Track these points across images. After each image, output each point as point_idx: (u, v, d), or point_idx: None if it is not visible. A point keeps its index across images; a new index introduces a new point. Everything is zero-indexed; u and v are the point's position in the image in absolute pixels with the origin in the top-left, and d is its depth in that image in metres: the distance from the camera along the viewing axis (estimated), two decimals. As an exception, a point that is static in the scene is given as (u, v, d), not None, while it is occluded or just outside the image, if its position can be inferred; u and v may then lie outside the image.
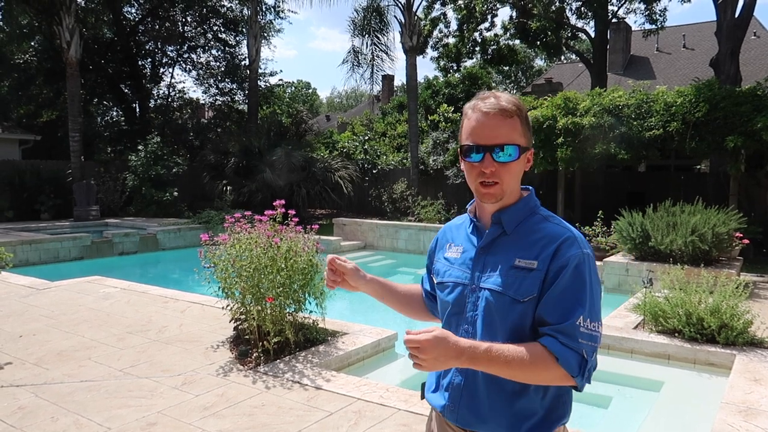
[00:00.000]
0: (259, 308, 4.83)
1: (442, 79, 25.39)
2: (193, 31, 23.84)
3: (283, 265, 4.78)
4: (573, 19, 20.24)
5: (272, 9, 23.88)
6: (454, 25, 22.43)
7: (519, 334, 1.42)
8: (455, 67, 23.96)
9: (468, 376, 1.49)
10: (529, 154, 1.49)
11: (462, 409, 1.50)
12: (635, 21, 51.17)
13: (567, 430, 1.56)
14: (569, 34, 21.40)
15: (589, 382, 1.41)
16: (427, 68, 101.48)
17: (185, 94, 25.50)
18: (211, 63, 24.53)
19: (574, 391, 1.47)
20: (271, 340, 4.73)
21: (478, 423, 1.49)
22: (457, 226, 1.68)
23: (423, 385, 1.70)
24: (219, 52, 24.35)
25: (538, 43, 21.04)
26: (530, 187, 1.57)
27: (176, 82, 30.39)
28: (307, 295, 5.03)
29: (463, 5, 20.66)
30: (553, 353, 1.34)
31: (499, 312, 1.44)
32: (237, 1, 23.39)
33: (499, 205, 1.50)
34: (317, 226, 5.50)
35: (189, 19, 23.39)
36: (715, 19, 13.84)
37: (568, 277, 1.39)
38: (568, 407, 1.52)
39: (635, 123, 11.22)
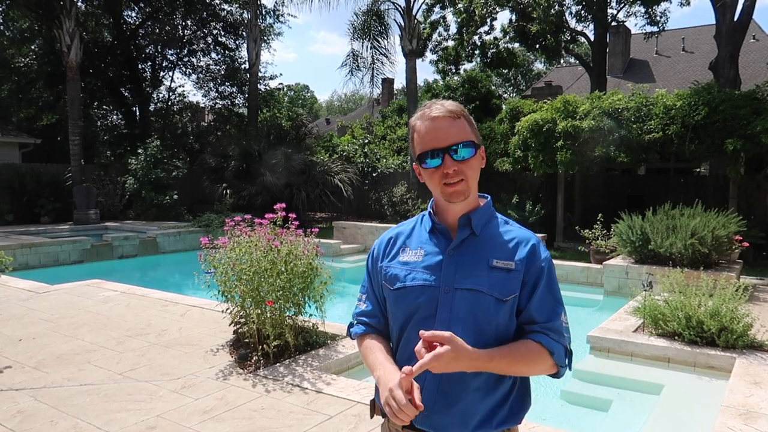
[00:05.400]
0: (259, 312, 4.83)
1: (441, 83, 25.40)
2: (193, 34, 23.87)
3: (283, 269, 4.78)
4: (572, 23, 20.26)
5: (272, 13, 23.93)
6: (453, 29, 22.43)
7: (497, 331, 1.48)
8: (454, 70, 23.95)
9: (442, 379, 1.46)
10: (482, 152, 1.54)
11: (435, 414, 1.47)
12: (635, 24, 51.31)
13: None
14: (568, 38, 21.39)
15: (570, 369, 1.57)
16: (426, 71, 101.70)
17: (185, 97, 25.50)
18: (211, 66, 24.54)
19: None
20: (270, 344, 4.73)
21: (452, 426, 1.48)
22: (407, 231, 1.65)
23: (373, 402, 1.62)
24: (219, 56, 24.38)
25: (537, 46, 21.04)
26: (487, 195, 1.64)
27: (176, 86, 30.43)
28: (306, 298, 5.03)
29: (462, 9, 20.66)
30: (548, 349, 1.47)
31: (482, 311, 1.46)
32: (237, 5, 23.43)
33: (466, 207, 1.53)
34: (317, 230, 5.50)
35: (189, 22, 23.39)
36: (714, 22, 13.86)
37: (546, 279, 1.51)
38: (530, 395, 1.61)
39: (635, 126, 11.23)
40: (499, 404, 1.50)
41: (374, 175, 19.09)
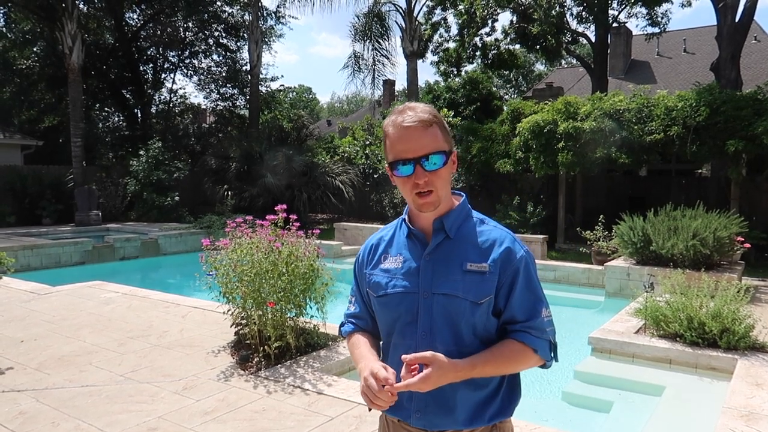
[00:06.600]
0: (260, 313, 4.83)
1: (442, 84, 25.39)
2: (195, 36, 23.91)
3: (284, 270, 4.79)
4: (573, 24, 20.26)
5: (273, 14, 23.95)
6: (454, 30, 22.41)
7: (475, 333, 1.51)
8: (455, 72, 23.94)
9: None
10: (453, 157, 1.54)
11: (429, 414, 1.53)
12: (637, 25, 51.26)
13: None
14: (569, 39, 21.39)
15: (557, 360, 1.59)
16: (428, 73, 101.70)
17: (186, 99, 25.54)
18: (213, 68, 24.57)
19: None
20: (272, 345, 4.73)
21: (446, 423, 1.53)
22: (387, 237, 1.68)
23: None
24: (220, 58, 24.41)
25: (538, 47, 21.04)
26: (462, 193, 1.63)
27: (177, 88, 30.46)
28: (308, 299, 5.03)
29: (463, 10, 20.66)
30: (531, 347, 1.50)
31: (459, 315, 1.49)
32: (238, 7, 23.46)
33: (438, 211, 1.54)
34: (318, 231, 5.50)
35: (190, 24, 23.44)
36: (715, 23, 13.85)
37: (523, 278, 1.52)
38: (520, 388, 1.63)
39: (636, 127, 11.23)
40: (490, 398, 1.53)
41: (375, 176, 19.09)
